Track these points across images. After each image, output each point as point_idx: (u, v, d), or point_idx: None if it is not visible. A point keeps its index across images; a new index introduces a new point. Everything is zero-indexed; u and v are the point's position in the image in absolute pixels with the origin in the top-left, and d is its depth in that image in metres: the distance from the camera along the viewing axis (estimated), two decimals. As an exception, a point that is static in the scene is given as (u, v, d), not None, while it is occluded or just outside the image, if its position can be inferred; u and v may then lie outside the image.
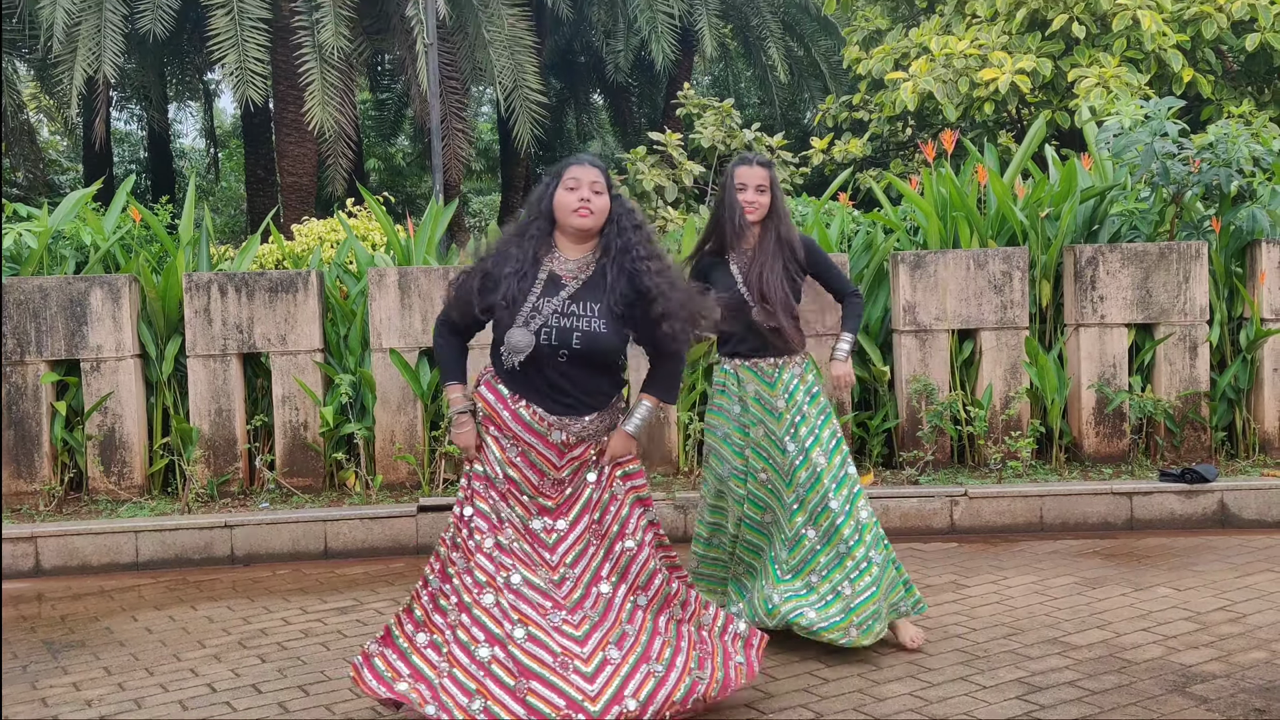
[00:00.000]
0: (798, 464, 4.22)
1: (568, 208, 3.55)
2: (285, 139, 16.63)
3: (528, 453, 3.55)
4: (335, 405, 6.71)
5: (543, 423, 3.53)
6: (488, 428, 3.60)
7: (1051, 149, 8.44)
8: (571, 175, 3.58)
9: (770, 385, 4.30)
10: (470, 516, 3.55)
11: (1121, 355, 6.79)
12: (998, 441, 6.66)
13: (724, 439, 4.37)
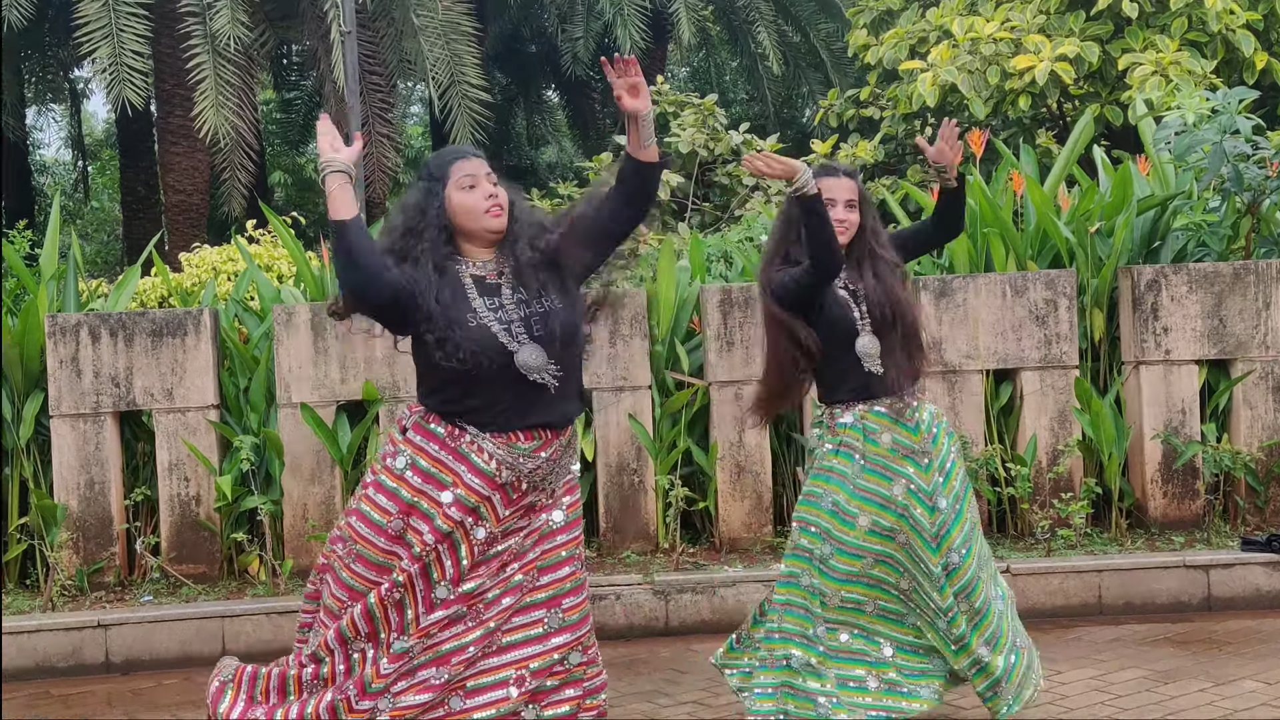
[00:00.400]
0: (951, 522, 4.29)
1: (477, 210, 3.64)
2: (171, 149, 16.64)
3: (467, 501, 3.59)
4: (234, 474, 6.67)
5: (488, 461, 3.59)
6: (409, 476, 3.64)
7: (1101, 151, 8.56)
8: (463, 173, 3.66)
9: (913, 430, 4.30)
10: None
11: (1192, 398, 6.85)
12: (1045, 505, 6.69)
13: (832, 511, 4.24)
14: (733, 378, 6.81)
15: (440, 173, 3.68)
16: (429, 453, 3.60)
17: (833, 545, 4.20)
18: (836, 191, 4.33)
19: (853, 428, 4.27)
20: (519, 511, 3.65)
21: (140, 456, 6.96)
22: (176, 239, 16.08)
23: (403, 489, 3.60)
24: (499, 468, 3.58)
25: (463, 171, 3.65)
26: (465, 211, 3.63)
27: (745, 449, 6.85)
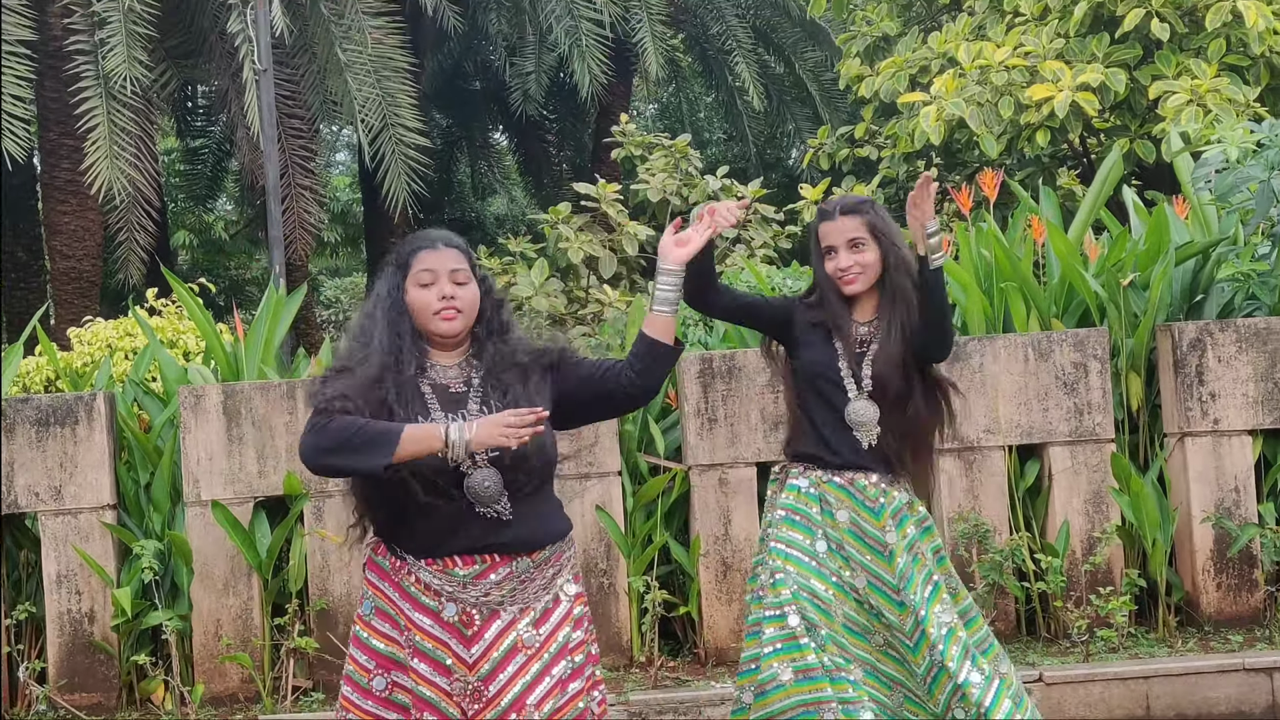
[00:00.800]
0: (922, 619, 4.29)
1: (427, 310, 3.73)
2: (58, 208, 16.57)
3: (423, 647, 3.63)
4: (134, 586, 6.61)
5: (430, 592, 3.62)
6: (376, 622, 3.73)
7: (1132, 192, 8.63)
8: (423, 266, 3.75)
9: (874, 513, 4.35)
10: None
11: (1246, 474, 6.88)
12: (1081, 602, 6.68)
13: (799, 592, 4.29)
14: (715, 460, 6.80)
15: (403, 261, 3.79)
16: (383, 592, 3.70)
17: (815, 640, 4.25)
18: (833, 236, 4.38)
19: (807, 494, 4.37)
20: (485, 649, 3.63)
21: (24, 567, 6.90)
22: (65, 311, 15.98)
23: (374, 639, 3.70)
24: (440, 600, 3.62)
25: (423, 265, 3.74)
26: (417, 310, 3.73)
27: (732, 543, 6.83)
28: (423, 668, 3.61)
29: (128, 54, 14.59)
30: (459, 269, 3.75)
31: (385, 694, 3.66)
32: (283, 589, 6.76)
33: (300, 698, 6.56)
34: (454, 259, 3.76)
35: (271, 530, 6.73)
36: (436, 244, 3.79)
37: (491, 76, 22.74)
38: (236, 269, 28.50)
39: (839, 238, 4.37)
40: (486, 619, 3.63)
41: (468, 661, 3.60)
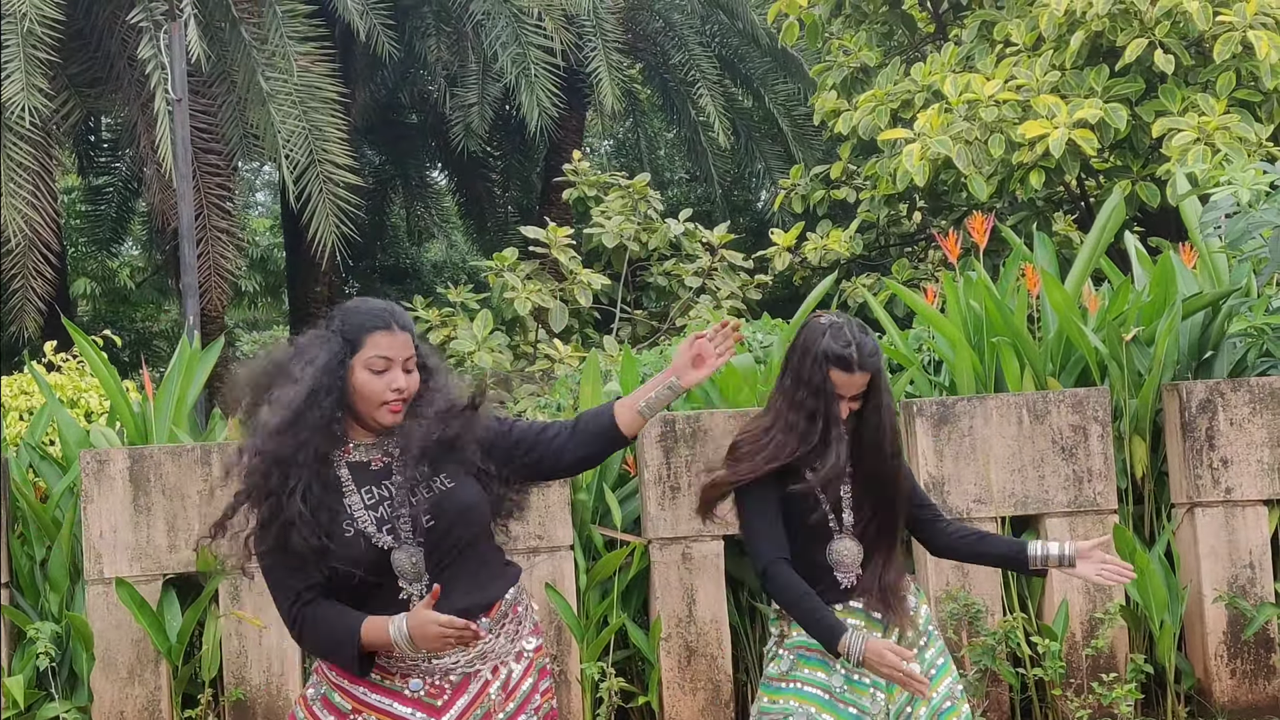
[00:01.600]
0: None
1: (375, 399, 3.79)
2: (-55, 251, 16.49)
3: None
4: (28, 673, 6.55)
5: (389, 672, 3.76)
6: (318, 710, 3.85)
7: (1134, 238, 8.70)
8: (379, 351, 3.79)
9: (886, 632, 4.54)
10: None
11: (1262, 548, 6.92)
12: (1082, 690, 6.70)
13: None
14: (678, 533, 6.80)
15: (353, 336, 3.79)
16: (329, 679, 3.84)
17: None
18: (847, 388, 4.44)
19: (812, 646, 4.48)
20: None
21: (-99, 653, 6.83)
22: (-49, 367, 15.87)
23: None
24: (402, 679, 3.76)
25: (379, 350, 3.78)
26: (363, 395, 3.78)
27: (697, 625, 6.83)
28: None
29: (26, 82, 14.58)
30: (410, 356, 3.82)
31: None
32: (194, 677, 6.71)
33: (213, 800, 6.50)
34: (408, 345, 3.82)
35: (183, 612, 6.68)
36: (393, 326, 3.80)
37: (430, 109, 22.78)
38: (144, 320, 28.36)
39: (849, 389, 4.46)
40: (457, 688, 3.78)
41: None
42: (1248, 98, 11.86)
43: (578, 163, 14.32)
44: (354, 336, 3.78)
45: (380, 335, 3.78)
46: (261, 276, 30.46)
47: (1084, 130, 11.54)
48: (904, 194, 13.29)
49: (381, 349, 3.76)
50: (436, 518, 3.77)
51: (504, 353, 11.72)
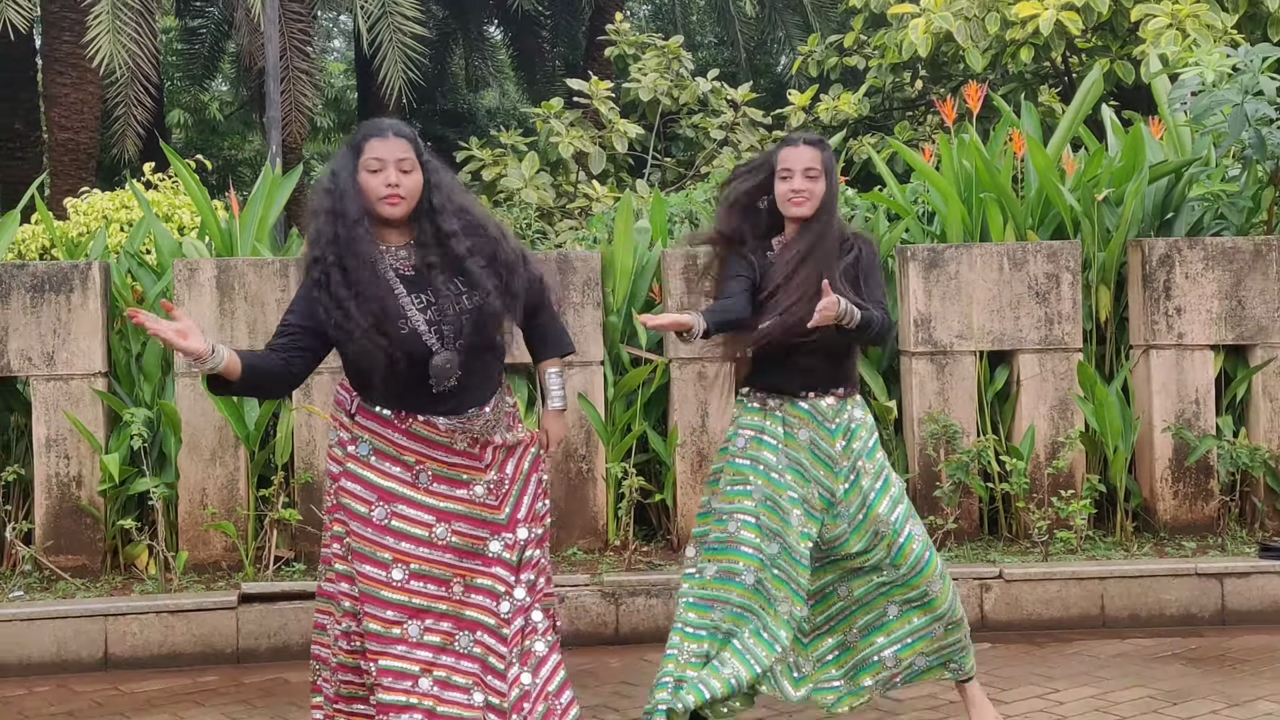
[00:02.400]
0: (849, 533, 4.63)
1: (374, 195, 3.93)
2: (58, 80, 16.39)
3: (441, 471, 3.98)
4: (123, 452, 6.59)
5: (442, 433, 3.96)
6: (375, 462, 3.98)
7: (1110, 111, 8.59)
8: (373, 154, 3.93)
9: (831, 432, 4.62)
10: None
11: (1207, 388, 6.90)
12: (1043, 504, 6.72)
13: (763, 502, 4.57)
14: (696, 354, 6.78)
15: (356, 145, 3.97)
16: (385, 437, 3.95)
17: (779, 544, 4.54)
18: (793, 161, 4.56)
19: (774, 415, 4.62)
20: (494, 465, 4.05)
21: (13, 430, 6.87)
22: (61, 182, 15.85)
23: (372, 475, 3.94)
24: (452, 435, 3.95)
25: (373, 153, 3.92)
26: (367, 194, 3.92)
27: (709, 434, 6.84)
28: (442, 488, 3.94)
29: (130, -70, 14.37)
30: (405, 158, 3.93)
31: (385, 522, 3.89)
32: (269, 462, 6.76)
33: (282, 568, 6.58)
34: (401, 149, 3.93)
35: (259, 404, 6.70)
36: (386, 133, 3.95)
37: (489, -31, 22.48)
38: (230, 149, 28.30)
39: (798, 164, 4.56)
40: (495, 447, 4.03)
41: (482, 467, 4.00)
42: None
43: (619, 24, 14.12)
44: (357, 145, 3.96)
45: (375, 141, 3.93)
46: (335, 115, 30.30)
47: (1070, 12, 11.43)
48: (908, 63, 13.16)
49: (376, 152, 3.91)
50: (475, 329, 3.94)
51: (547, 191, 11.64)
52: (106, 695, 5.59)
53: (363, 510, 3.90)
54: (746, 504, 4.55)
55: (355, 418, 3.99)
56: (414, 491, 3.93)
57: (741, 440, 4.64)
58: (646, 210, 8.07)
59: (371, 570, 3.86)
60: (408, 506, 3.91)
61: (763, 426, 4.62)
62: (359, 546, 3.88)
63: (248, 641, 6.08)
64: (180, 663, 6.01)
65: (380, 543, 3.88)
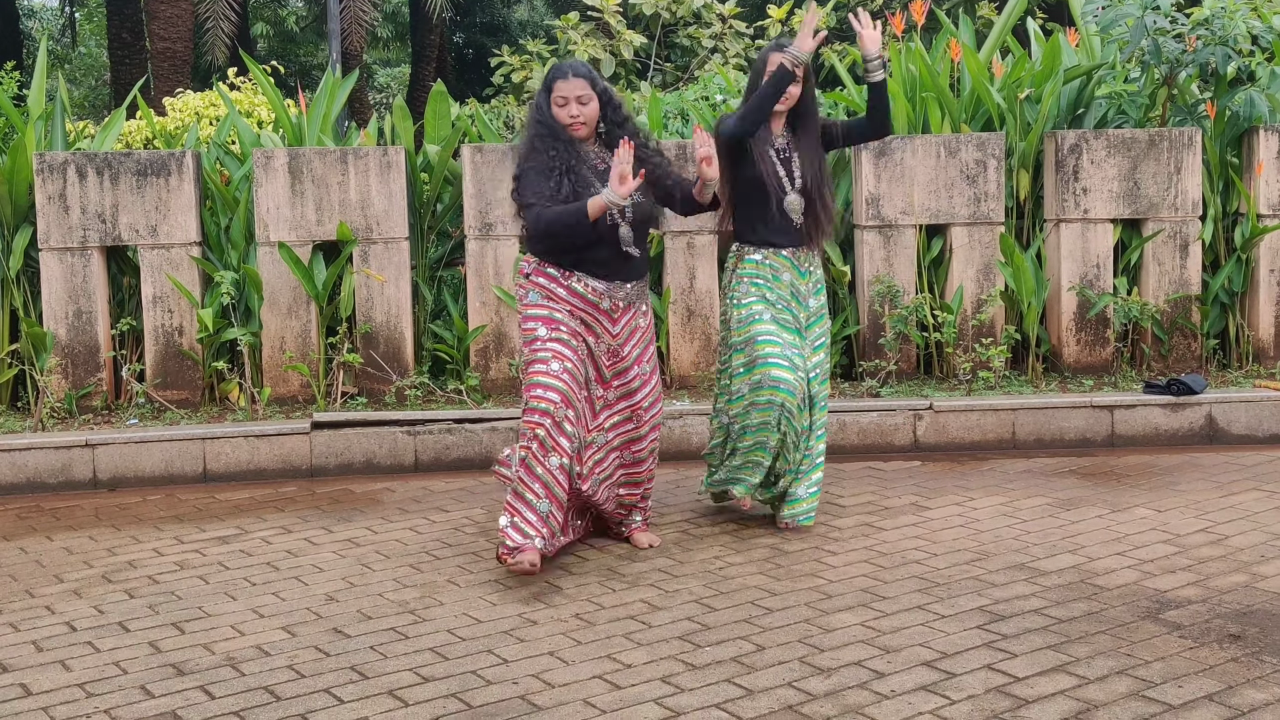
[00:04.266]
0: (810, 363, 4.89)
1: (562, 122, 4.45)
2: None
3: (587, 321, 4.54)
4: (215, 307, 6.62)
5: (595, 293, 4.51)
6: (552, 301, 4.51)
7: (1035, 23, 8.45)
8: (559, 93, 4.44)
9: (804, 276, 4.87)
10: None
11: (1106, 254, 6.89)
12: (968, 350, 6.75)
13: (771, 320, 4.80)
14: (684, 228, 6.77)
15: (547, 86, 4.46)
16: (549, 289, 4.49)
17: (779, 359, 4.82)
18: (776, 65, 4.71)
19: (763, 263, 4.82)
20: (622, 328, 4.59)
21: (126, 289, 6.90)
22: (161, 85, 15.66)
23: (539, 309, 4.48)
24: (599, 296, 4.51)
25: (558, 92, 4.44)
26: (559, 122, 4.44)
27: (695, 294, 6.86)
28: (581, 329, 4.51)
29: None
30: (584, 94, 4.44)
31: (547, 337, 4.44)
32: (335, 315, 6.80)
33: (347, 401, 6.65)
34: (580, 86, 4.44)
35: (326, 268, 6.72)
36: (568, 74, 4.45)
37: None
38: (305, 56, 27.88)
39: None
40: (624, 310, 4.57)
41: (612, 332, 4.57)
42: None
43: (625, -52, 13.81)
44: (547, 87, 4.45)
45: (559, 83, 4.44)
46: (392, 26, 29.74)
47: (1006, -64, 11.11)
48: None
49: (560, 91, 4.44)
50: (642, 219, 4.54)
51: (566, 91, 11.49)
52: (205, 502, 5.70)
53: (539, 329, 4.47)
54: (761, 325, 4.79)
55: (529, 277, 4.51)
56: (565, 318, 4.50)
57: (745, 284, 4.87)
58: (645, 108, 7.99)
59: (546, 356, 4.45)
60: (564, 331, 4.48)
61: (756, 274, 4.83)
62: (539, 349, 4.45)
63: (319, 460, 6.17)
64: (264, 477, 6.11)
65: (557, 337, 4.46)
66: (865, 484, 5.65)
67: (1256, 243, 6.97)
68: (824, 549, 4.65)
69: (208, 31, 15.51)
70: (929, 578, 4.27)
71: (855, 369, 6.93)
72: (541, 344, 4.46)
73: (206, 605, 4.19)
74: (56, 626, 4.03)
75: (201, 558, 4.77)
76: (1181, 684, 3.30)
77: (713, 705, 3.25)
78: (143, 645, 3.83)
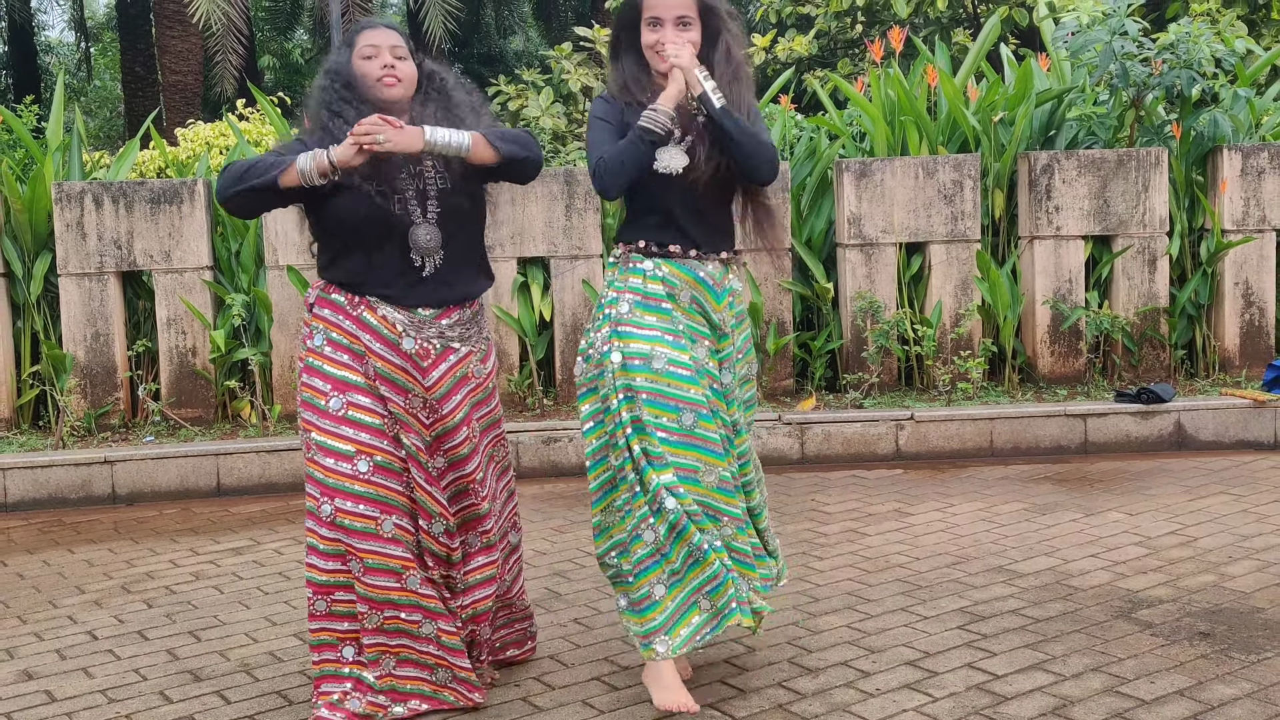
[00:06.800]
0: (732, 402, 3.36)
1: (370, 77, 3.25)
2: (167, 32, 16.18)
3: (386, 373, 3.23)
4: (227, 328, 6.64)
5: (392, 328, 3.22)
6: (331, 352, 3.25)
7: (1008, 49, 8.51)
8: (367, 42, 3.27)
9: (716, 295, 3.31)
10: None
11: (1078, 269, 6.92)
12: (947, 362, 6.78)
13: (667, 368, 3.19)
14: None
15: (350, 40, 3.31)
16: (339, 326, 3.23)
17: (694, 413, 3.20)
18: (662, 10, 3.21)
19: (651, 277, 3.26)
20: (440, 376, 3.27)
21: (141, 312, 6.92)
22: (173, 116, 15.72)
23: (327, 365, 3.21)
24: (398, 333, 3.21)
25: (366, 41, 3.27)
26: (362, 78, 3.25)
27: (684, 311, 6.87)
28: (383, 389, 3.20)
29: (221, -91, 14.09)
30: (397, 45, 3.28)
31: (341, 413, 3.18)
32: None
33: (354, 416, 6.65)
34: (393, 38, 3.29)
35: (332, 290, 6.72)
36: (378, 26, 3.34)
37: (513, -62, 22.04)
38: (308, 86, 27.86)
39: (668, 11, 3.22)
40: (441, 354, 3.25)
41: (425, 385, 3.22)
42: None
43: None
44: (351, 41, 3.29)
45: (367, 33, 3.29)
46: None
47: (980, -33, 11.20)
48: (849, 10, 12.95)
49: (369, 40, 3.26)
50: (444, 209, 3.27)
51: (560, 118, 11.52)
52: (218, 515, 5.71)
53: (319, 402, 3.25)
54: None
55: (313, 308, 3.32)
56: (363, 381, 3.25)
57: None
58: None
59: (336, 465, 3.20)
60: (362, 397, 3.23)
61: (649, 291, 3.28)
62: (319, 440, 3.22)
63: (328, 474, 6.17)
64: (276, 490, 6.12)
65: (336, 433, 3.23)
66: (850, 491, 5.67)
67: (1221, 257, 7.01)
68: (811, 554, 4.66)
69: (217, 65, 15.56)
70: (912, 581, 4.29)
71: (839, 381, 6.95)
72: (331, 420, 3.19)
73: (221, 614, 4.20)
74: (79, 635, 4.04)
75: (216, 568, 4.78)
76: (1154, 680, 3.32)
77: (707, 705, 3.26)
78: (161, 653, 3.84)
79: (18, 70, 22.65)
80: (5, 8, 20.91)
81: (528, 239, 6.81)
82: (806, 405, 6.57)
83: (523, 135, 3.32)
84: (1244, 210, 7.00)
